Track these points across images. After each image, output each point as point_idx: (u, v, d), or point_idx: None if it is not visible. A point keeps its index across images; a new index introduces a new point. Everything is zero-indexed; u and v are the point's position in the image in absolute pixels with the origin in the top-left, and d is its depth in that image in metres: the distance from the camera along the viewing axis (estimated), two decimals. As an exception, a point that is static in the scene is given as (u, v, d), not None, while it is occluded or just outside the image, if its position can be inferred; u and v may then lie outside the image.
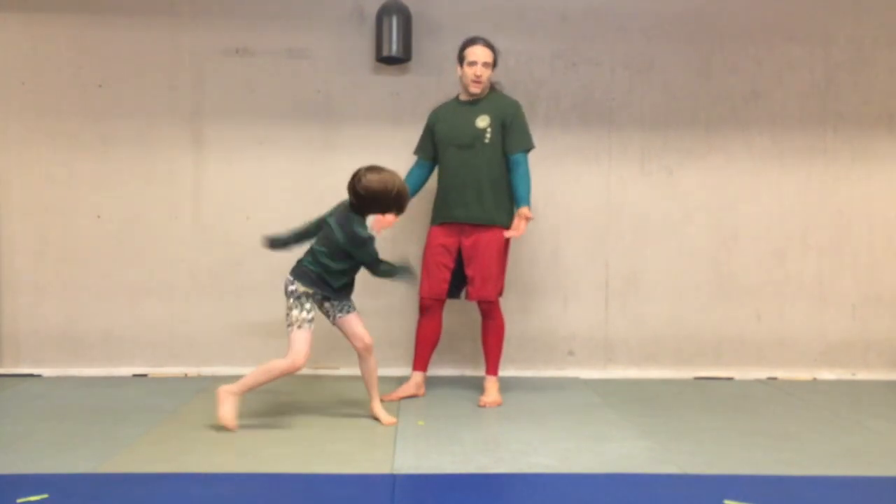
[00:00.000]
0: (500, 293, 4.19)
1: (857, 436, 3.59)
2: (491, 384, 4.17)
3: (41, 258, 4.75)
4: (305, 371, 4.79)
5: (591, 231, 4.91)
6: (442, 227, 4.16)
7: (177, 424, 3.62)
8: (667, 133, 4.92)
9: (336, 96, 4.81)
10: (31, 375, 4.71)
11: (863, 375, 4.96)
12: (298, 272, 3.63)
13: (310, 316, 3.60)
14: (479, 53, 4.09)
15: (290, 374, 3.59)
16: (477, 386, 4.52)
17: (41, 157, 4.73)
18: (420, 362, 4.20)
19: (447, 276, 4.15)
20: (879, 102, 4.96)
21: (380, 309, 4.79)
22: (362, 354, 3.73)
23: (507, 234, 4.07)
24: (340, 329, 3.74)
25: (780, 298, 4.95)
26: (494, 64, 4.15)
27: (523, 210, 4.04)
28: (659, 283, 4.93)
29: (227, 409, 3.49)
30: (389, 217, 3.64)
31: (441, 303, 4.19)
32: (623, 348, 4.93)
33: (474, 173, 4.07)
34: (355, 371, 4.44)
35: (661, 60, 4.91)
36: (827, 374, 4.96)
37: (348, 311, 3.71)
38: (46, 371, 4.73)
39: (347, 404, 4.01)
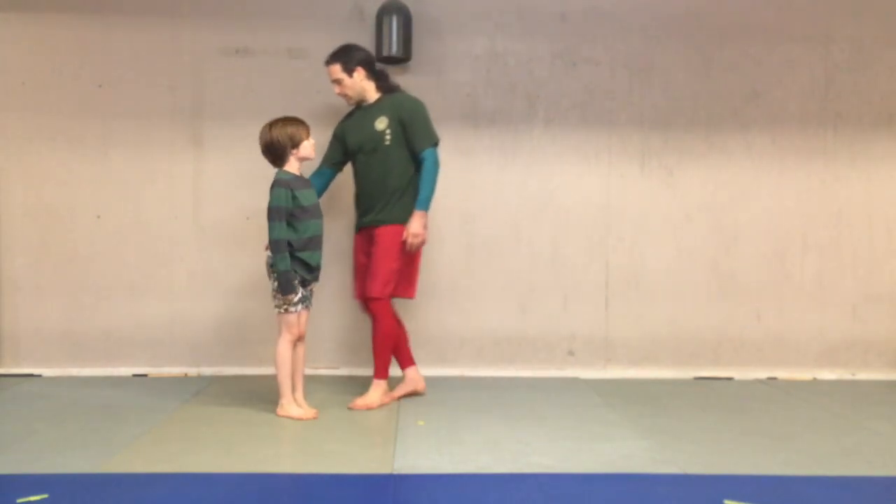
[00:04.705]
0: (389, 294, 4.02)
1: (857, 436, 3.59)
2: (374, 386, 4.03)
3: (41, 258, 4.75)
4: (306, 371, 4.80)
5: (591, 231, 4.91)
6: (359, 233, 4.14)
7: (177, 424, 3.62)
8: (667, 133, 4.92)
9: (336, 96, 4.80)
10: (31, 375, 4.71)
11: (863, 375, 4.96)
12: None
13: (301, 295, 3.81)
14: (327, 73, 4.10)
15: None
16: (478, 387, 4.53)
17: (41, 157, 4.73)
18: (404, 361, 4.19)
19: None
20: (879, 102, 4.96)
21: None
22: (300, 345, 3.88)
23: (411, 249, 3.99)
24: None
25: (780, 298, 4.96)
26: (350, 71, 4.02)
27: (413, 222, 3.95)
28: (659, 283, 4.93)
29: (298, 410, 3.74)
30: (306, 145, 3.78)
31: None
32: (623, 348, 4.93)
33: (380, 177, 4.01)
34: (356, 371, 4.46)
35: (661, 60, 4.91)
36: (827, 374, 4.96)
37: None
38: (46, 371, 4.74)
39: (346, 405, 4.01)
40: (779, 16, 4.92)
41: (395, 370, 4.74)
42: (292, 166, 3.78)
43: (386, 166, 4.02)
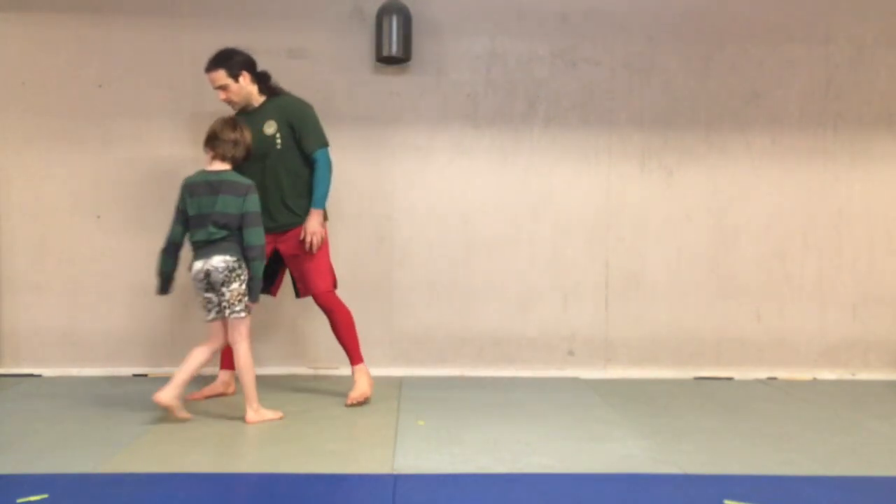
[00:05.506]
0: (333, 286, 4.09)
1: (857, 436, 3.59)
2: (357, 374, 4.06)
3: (41, 258, 4.75)
4: (306, 371, 4.81)
5: (591, 231, 4.91)
6: None
7: (177, 424, 3.62)
8: (667, 133, 4.92)
9: (336, 96, 4.81)
10: (31, 375, 4.71)
11: (863, 375, 4.96)
12: (227, 249, 3.64)
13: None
14: (209, 80, 4.00)
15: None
16: (478, 387, 4.53)
17: (41, 157, 4.73)
18: (227, 361, 4.14)
19: None
20: (879, 102, 4.96)
21: (389, 307, 4.81)
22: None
23: (311, 248, 3.94)
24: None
25: (780, 298, 4.96)
26: (235, 76, 3.94)
27: (310, 221, 3.93)
28: (659, 283, 4.93)
29: (271, 413, 3.70)
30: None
31: None
32: (623, 348, 4.93)
33: (275, 182, 3.98)
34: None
35: (661, 60, 4.91)
36: (827, 374, 4.96)
37: None
38: (46, 371, 4.74)
39: (346, 404, 4.01)
40: (779, 16, 4.92)
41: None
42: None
43: (280, 170, 3.99)
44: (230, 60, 3.97)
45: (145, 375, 4.74)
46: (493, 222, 4.88)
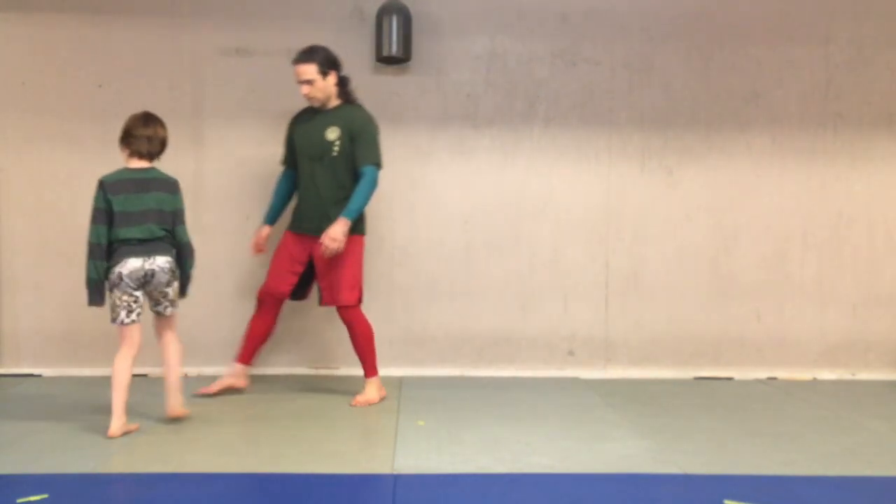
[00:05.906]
0: (358, 299, 4.08)
1: (857, 436, 3.59)
2: (368, 385, 4.10)
3: (41, 258, 4.74)
4: (305, 371, 4.81)
5: (591, 231, 4.91)
6: (294, 235, 4.11)
7: (177, 424, 3.62)
8: (667, 133, 4.92)
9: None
10: (31, 375, 4.71)
11: (863, 375, 4.96)
12: (168, 249, 3.63)
13: None
14: (297, 72, 4.01)
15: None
16: (478, 387, 4.53)
17: (41, 157, 4.73)
18: (245, 355, 4.18)
19: (293, 280, 4.12)
20: (879, 102, 4.96)
21: (389, 307, 4.81)
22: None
23: (326, 253, 3.89)
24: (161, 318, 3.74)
25: (780, 298, 4.95)
26: (325, 72, 3.97)
27: (334, 227, 3.87)
28: (659, 283, 4.93)
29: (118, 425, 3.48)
30: None
31: (278, 301, 4.17)
32: (623, 348, 4.93)
33: (323, 185, 4.01)
34: (356, 371, 4.45)
35: (661, 60, 4.91)
36: (827, 374, 4.96)
37: None
38: (46, 371, 4.74)
39: (347, 404, 4.01)
40: (779, 16, 4.92)
41: (395, 370, 4.74)
42: None
43: (331, 176, 4.01)
44: (322, 56, 4.00)
45: (145, 375, 4.73)
46: (493, 222, 4.88)
